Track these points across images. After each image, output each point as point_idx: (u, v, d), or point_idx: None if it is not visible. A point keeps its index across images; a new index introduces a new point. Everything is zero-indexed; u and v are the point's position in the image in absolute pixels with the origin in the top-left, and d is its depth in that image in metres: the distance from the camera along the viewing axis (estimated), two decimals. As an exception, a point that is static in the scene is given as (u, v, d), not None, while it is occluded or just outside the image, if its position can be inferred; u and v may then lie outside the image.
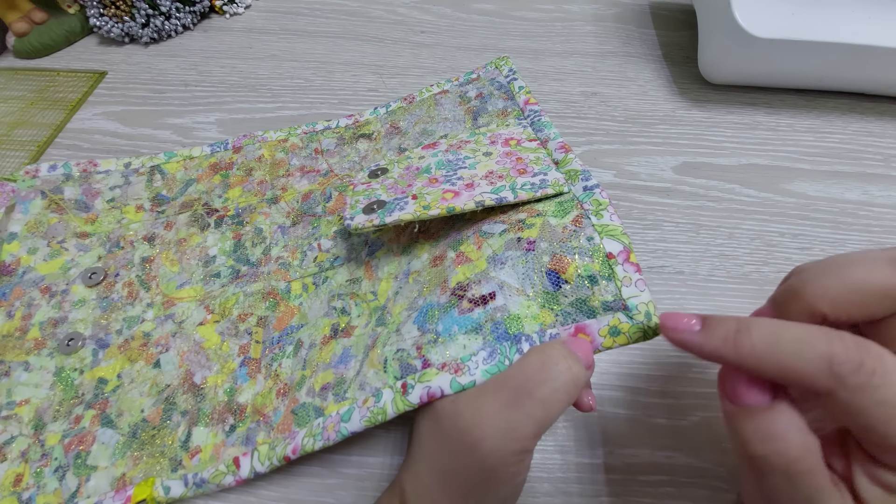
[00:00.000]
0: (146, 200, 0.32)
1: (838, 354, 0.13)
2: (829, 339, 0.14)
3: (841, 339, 0.14)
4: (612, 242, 0.20)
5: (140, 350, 0.26)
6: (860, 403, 0.13)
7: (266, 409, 0.23)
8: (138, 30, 0.43)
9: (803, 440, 0.14)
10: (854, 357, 0.13)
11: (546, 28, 0.46)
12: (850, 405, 0.13)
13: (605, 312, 0.19)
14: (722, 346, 0.15)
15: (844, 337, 0.14)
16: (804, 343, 0.14)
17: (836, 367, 0.13)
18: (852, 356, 0.13)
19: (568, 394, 0.17)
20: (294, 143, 0.34)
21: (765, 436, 0.14)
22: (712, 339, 0.15)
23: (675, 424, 0.24)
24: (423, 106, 0.35)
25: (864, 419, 0.13)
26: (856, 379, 0.13)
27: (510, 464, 0.17)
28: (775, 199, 0.33)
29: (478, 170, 0.26)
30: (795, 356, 0.14)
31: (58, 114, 0.39)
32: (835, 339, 0.14)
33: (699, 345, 0.16)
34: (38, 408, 0.25)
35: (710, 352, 0.16)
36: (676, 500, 0.23)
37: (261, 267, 0.29)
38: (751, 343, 0.15)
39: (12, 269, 0.28)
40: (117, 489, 0.22)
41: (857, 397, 0.13)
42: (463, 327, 0.20)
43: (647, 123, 0.37)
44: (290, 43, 0.45)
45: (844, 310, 0.15)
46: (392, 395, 0.19)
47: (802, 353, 0.14)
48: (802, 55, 0.34)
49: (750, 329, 0.15)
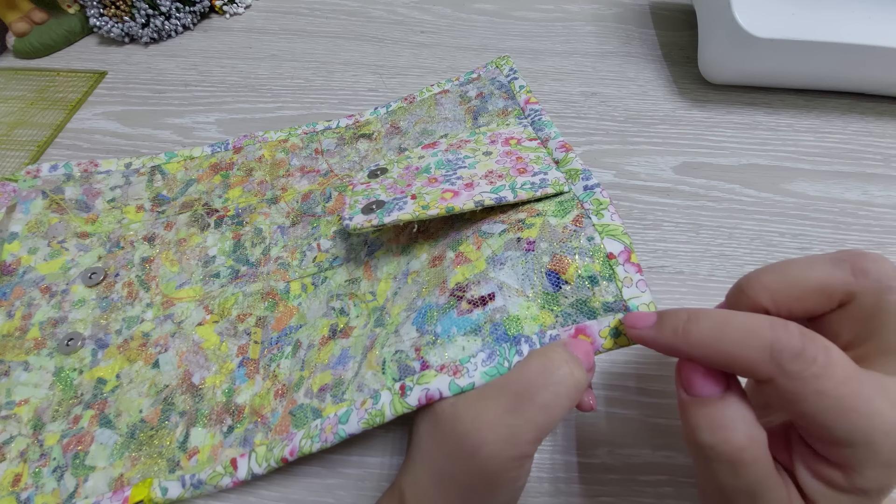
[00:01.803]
0: (147, 200, 0.32)
1: (780, 341, 0.14)
2: (774, 327, 0.14)
3: (785, 328, 0.14)
4: (612, 242, 0.20)
5: (139, 350, 0.26)
6: (799, 391, 0.13)
7: (264, 410, 0.23)
8: (138, 30, 0.43)
9: (749, 430, 0.14)
10: (796, 345, 0.13)
11: (546, 28, 0.46)
12: (789, 393, 0.13)
13: (605, 313, 0.19)
14: (672, 337, 0.16)
15: (789, 326, 0.14)
16: (748, 331, 0.14)
17: (776, 354, 0.13)
18: (794, 344, 0.13)
19: (569, 398, 0.17)
20: (294, 144, 0.34)
21: (713, 425, 0.15)
22: (663, 331, 0.16)
23: (675, 424, 0.24)
24: (424, 106, 0.35)
25: (803, 408, 0.13)
26: (795, 366, 0.13)
27: (510, 469, 0.17)
28: (775, 199, 0.33)
29: (477, 169, 0.25)
30: (739, 343, 0.14)
31: (58, 114, 0.39)
32: (779, 327, 0.14)
33: (653, 338, 0.16)
34: (38, 408, 0.25)
35: (663, 344, 0.16)
36: (676, 500, 0.23)
37: (260, 267, 0.29)
38: (699, 332, 0.15)
39: (13, 269, 0.28)
40: (115, 490, 0.22)
41: (796, 385, 0.13)
42: (462, 328, 0.20)
43: (647, 123, 0.37)
44: (290, 43, 0.45)
45: (785, 304, 0.16)
46: (390, 397, 0.19)
47: (746, 340, 0.14)
48: (802, 55, 0.34)
49: (699, 319, 0.15)
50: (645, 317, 0.17)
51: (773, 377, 0.14)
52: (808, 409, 0.13)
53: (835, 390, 0.13)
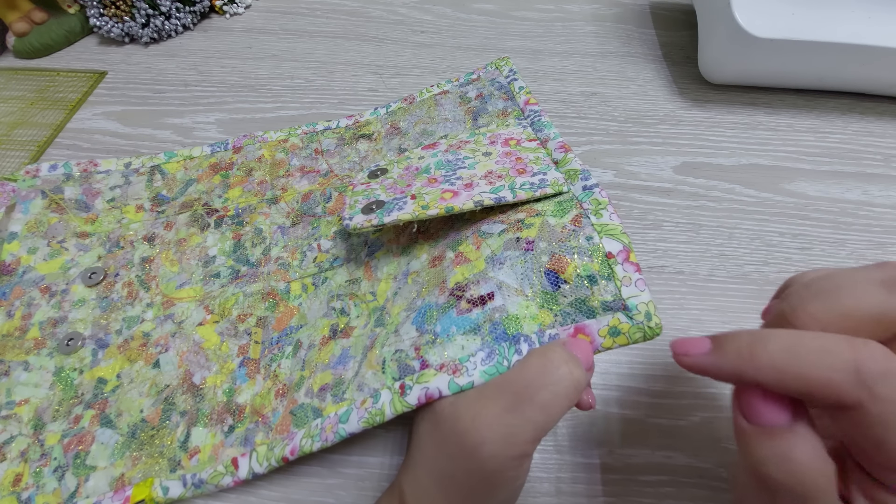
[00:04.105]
0: (146, 200, 0.32)
1: (866, 362, 0.12)
2: (854, 347, 0.13)
3: (867, 346, 0.13)
4: (611, 242, 0.20)
5: (139, 350, 0.26)
6: (888, 415, 0.12)
7: (265, 410, 0.23)
8: (138, 30, 0.43)
9: (821, 465, 0.13)
10: (882, 365, 0.12)
11: (546, 28, 0.46)
12: (878, 417, 0.12)
13: (604, 312, 0.19)
14: (737, 360, 0.14)
15: (870, 344, 0.13)
16: (827, 351, 0.13)
17: (864, 376, 0.12)
18: (881, 364, 0.12)
19: (568, 398, 0.17)
20: (294, 144, 0.34)
21: (783, 458, 0.13)
22: (726, 356, 0.14)
23: (675, 424, 0.24)
24: (424, 106, 0.35)
25: (887, 434, 0.12)
26: (885, 388, 0.12)
27: (509, 468, 0.17)
28: (775, 199, 0.33)
29: (477, 170, 0.26)
30: (818, 365, 0.13)
31: (58, 114, 0.39)
32: (861, 346, 0.13)
33: (715, 365, 0.15)
34: (38, 407, 0.25)
35: (727, 371, 0.14)
36: (676, 500, 0.23)
37: (260, 267, 0.29)
38: (768, 354, 0.13)
39: (12, 269, 0.28)
40: (116, 489, 0.22)
41: (886, 408, 0.12)
42: (461, 328, 0.20)
43: (647, 123, 0.37)
44: (290, 43, 0.45)
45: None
46: (390, 397, 0.19)
47: (826, 361, 0.13)
48: (802, 55, 0.34)
49: (766, 340, 0.14)
50: (697, 342, 0.15)
51: (861, 402, 0.12)
52: (893, 436, 0.12)
53: None
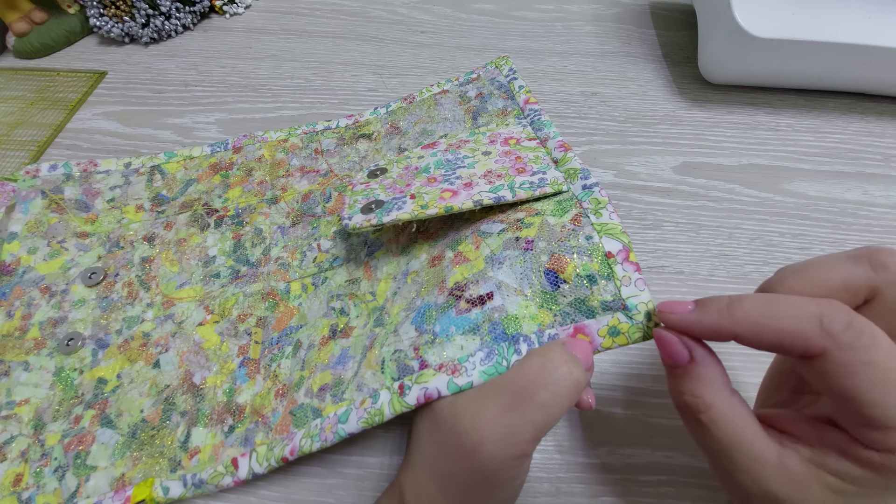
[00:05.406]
0: (146, 200, 0.32)
1: (828, 314, 0.14)
2: (818, 302, 0.15)
3: (829, 303, 0.14)
4: (611, 241, 0.20)
5: (140, 350, 0.26)
6: (850, 363, 0.14)
7: (265, 410, 0.23)
8: (138, 30, 0.43)
9: (715, 392, 0.16)
10: (843, 317, 0.14)
11: (546, 28, 0.46)
12: (842, 365, 0.14)
13: (604, 312, 0.19)
14: (717, 317, 0.16)
15: (832, 301, 0.15)
16: (795, 306, 0.15)
17: (827, 325, 0.14)
18: (843, 315, 0.14)
19: (568, 398, 0.17)
20: (294, 144, 0.34)
21: (682, 388, 0.16)
22: (707, 313, 0.16)
23: (675, 424, 0.24)
24: (423, 106, 0.35)
25: (853, 382, 0.14)
26: (847, 336, 0.14)
27: (509, 468, 0.17)
28: (775, 199, 0.33)
29: (477, 169, 0.25)
30: (788, 318, 0.15)
31: (58, 114, 0.39)
32: (823, 302, 0.15)
33: (697, 321, 0.17)
34: (38, 407, 0.25)
35: (707, 325, 0.16)
36: (676, 500, 0.23)
37: (260, 267, 0.29)
38: (744, 311, 0.15)
39: (12, 269, 0.28)
40: (116, 489, 0.22)
41: (848, 356, 0.14)
42: (460, 328, 0.20)
43: (647, 123, 0.37)
44: (290, 43, 0.45)
45: None
46: (389, 397, 0.19)
47: (795, 314, 0.15)
48: (802, 55, 0.34)
49: (743, 300, 0.16)
50: (682, 303, 0.17)
51: (827, 348, 0.14)
52: (858, 384, 0.13)
53: (884, 362, 0.13)
